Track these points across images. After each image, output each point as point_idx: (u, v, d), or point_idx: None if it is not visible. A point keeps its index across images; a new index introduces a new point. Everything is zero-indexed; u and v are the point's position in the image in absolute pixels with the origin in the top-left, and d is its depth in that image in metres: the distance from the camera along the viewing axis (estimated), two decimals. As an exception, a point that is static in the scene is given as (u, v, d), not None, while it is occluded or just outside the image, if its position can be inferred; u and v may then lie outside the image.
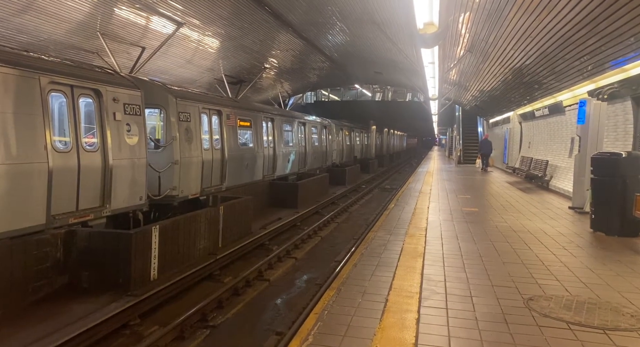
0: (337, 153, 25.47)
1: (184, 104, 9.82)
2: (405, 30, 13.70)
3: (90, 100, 7.66)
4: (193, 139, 10.01)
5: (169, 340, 5.88)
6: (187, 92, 10.32)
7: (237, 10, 13.39)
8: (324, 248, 11.34)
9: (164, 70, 16.54)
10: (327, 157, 23.02)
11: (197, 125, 10.20)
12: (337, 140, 25.48)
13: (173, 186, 9.28)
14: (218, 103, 11.61)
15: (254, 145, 13.80)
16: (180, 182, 9.41)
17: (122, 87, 8.12)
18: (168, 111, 9.47)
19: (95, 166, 7.50)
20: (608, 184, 8.02)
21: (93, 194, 7.49)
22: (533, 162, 17.57)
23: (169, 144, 9.36)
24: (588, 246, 7.27)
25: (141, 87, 8.54)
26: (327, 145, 23.06)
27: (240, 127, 12.82)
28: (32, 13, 10.65)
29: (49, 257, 6.81)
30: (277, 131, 15.84)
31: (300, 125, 18.94)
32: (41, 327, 5.74)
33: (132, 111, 8.25)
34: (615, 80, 9.73)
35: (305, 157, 19.34)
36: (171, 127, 9.45)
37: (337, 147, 25.27)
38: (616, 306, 4.64)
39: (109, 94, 7.75)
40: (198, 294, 7.53)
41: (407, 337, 3.85)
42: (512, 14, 8.50)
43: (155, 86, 9.78)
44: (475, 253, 6.65)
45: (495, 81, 16.23)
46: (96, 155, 7.58)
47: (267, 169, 14.88)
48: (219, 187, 11.21)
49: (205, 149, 10.56)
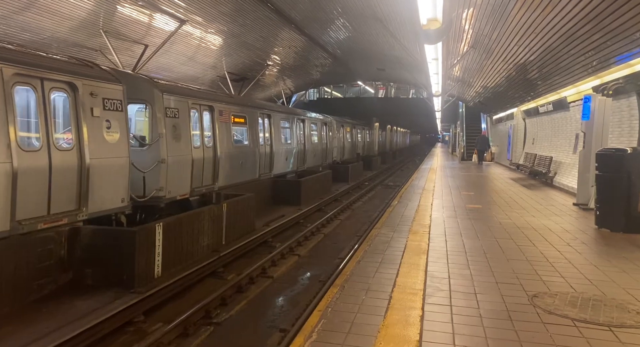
0: (338, 150, 25.07)
1: (172, 99, 9.27)
2: (408, 26, 13.64)
3: (64, 95, 7.04)
4: (182, 137, 9.43)
5: (173, 337, 5.90)
6: (175, 87, 9.78)
7: (239, 7, 13.36)
8: (327, 245, 11.33)
9: (166, 68, 16.53)
10: (327, 155, 22.51)
11: (186, 122, 9.63)
12: (338, 137, 25.12)
13: (160, 186, 8.70)
14: (210, 98, 11.00)
15: (249, 142, 13.23)
16: (167, 183, 8.84)
17: (101, 80, 7.51)
18: (154, 107, 8.88)
19: (69, 166, 6.90)
20: (613, 181, 7.97)
21: (67, 197, 6.86)
22: (537, 159, 17.50)
23: (155, 142, 8.79)
24: (593, 243, 7.24)
25: (123, 81, 7.95)
26: (327, 142, 22.60)
27: (234, 123, 12.26)
28: (35, 10, 10.65)
29: (53, 254, 6.83)
30: (275, 128, 15.34)
31: (299, 121, 18.47)
32: (45, 324, 5.76)
33: (113, 107, 7.65)
34: (620, 75, 9.67)
35: (305, 155, 18.90)
36: (157, 123, 8.86)
37: (337, 145, 24.88)
38: (622, 302, 4.61)
39: (85, 88, 7.13)
40: (202, 291, 7.55)
41: (411, 334, 3.84)
42: (516, 9, 8.45)
43: (140, 80, 9.16)
44: (479, 250, 6.63)
45: (498, 77, 16.15)
46: (71, 154, 6.96)
47: (264, 168, 14.29)
48: (210, 187, 10.64)
49: (195, 147, 9.99)
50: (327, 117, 23.21)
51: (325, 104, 39.37)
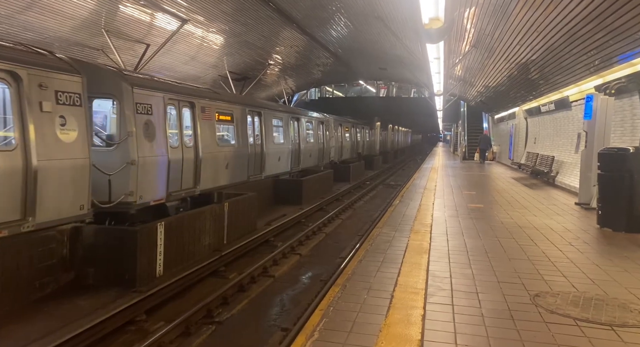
0: (336, 150, 23.95)
1: (144, 93, 8.34)
2: (410, 25, 13.63)
3: (3, 86, 6.15)
4: (156, 135, 8.51)
5: (174, 336, 5.90)
6: (148, 80, 8.90)
7: (241, 7, 13.37)
8: (328, 244, 11.33)
9: (168, 67, 16.56)
10: (324, 155, 21.49)
11: (161, 119, 8.71)
12: (336, 136, 24.35)
13: (129, 190, 7.73)
14: (190, 94, 10.00)
15: (237, 142, 12.09)
16: (138, 187, 7.88)
17: (54, 70, 6.52)
18: (122, 102, 7.90)
19: (11, 169, 5.91)
20: (615, 180, 7.96)
21: (9, 205, 5.88)
22: (539, 158, 17.47)
23: (124, 141, 7.83)
24: (595, 242, 7.22)
25: (83, 72, 7.01)
26: (324, 142, 21.55)
27: (219, 121, 11.24)
28: (37, 10, 10.68)
29: (55, 253, 6.84)
30: (266, 127, 14.25)
31: (293, 120, 17.42)
32: (47, 323, 5.77)
33: (69, 101, 6.68)
34: (622, 74, 9.64)
35: (299, 155, 17.80)
36: (126, 120, 7.87)
37: (335, 144, 23.76)
38: (624, 302, 4.60)
39: (32, 79, 6.18)
40: (203, 291, 7.55)
41: (413, 333, 3.84)
42: (518, 8, 8.43)
43: (105, 71, 8.24)
44: (481, 249, 6.62)
45: (500, 77, 16.13)
46: (13, 155, 5.96)
47: (254, 169, 13.13)
48: (191, 190, 9.55)
49: (172, 147, 9.01)
50: (325, 115, 22.65)
51: (327, 103, 39.41)
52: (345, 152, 26.27)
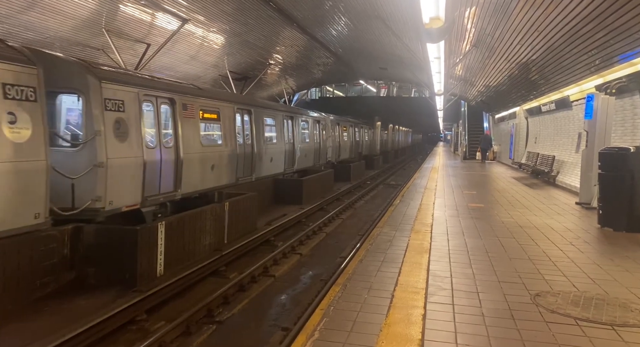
0: (333, 150, 23.44)
1: (115, 88, 7.65)
2: (410, 25, 13.63)
3: None
4: (129, 135, 7.82)
5: (175, 335, 5.91)
6: (120, 74, 8.17)
7: (241, 6, 13.37)
8: (329, 244, 11.34)
9: (169, 67, 16.56)
10: (320, 155, 20.84)
11: (135, 117, 8.03)
12: (333, 136, 23.58)
13: (96, 196, 7.08)
14: (170, 89, 9.28)
15: (224, 142, 11.40)
16: (107, 191, 7.23)
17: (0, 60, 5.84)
18: (88, 97, 7.20)
19: None
20: (616, 179, 7.95)
21: None
22: (539, 158, 17.47)
23: (90, 141, 7.15)
24: (595, 242, 7.22)
25: (40, 63, 6.36)
26: (320, 141, 20.88)
27: (204, 120, 10.56)
28: (38, 10, 10.68)
29: (56, 253, 6.84)
30: (257, 126, 13.59)
31: (287, 119, 16.76)
32: (48, 322, 5.78)
33: (20, 95, 6.00)
34: (623, 74, 9.64)
35: (294, 155, 17.21)
36: (92, 118, 7.17)
37: (332, 144, 23.25)
38: (624, 301, 4.60)
39: None
40: (204, 290, 7.56)
41: (414, 333, 3.84)
42: (519, 8, 8.43)
43: (69, 63, 7.49)
44: (481, 249, 6.62)
45: (501, 76, 16.12)
46: None
47: (243, 170, 12.45)
48: (170, 194, 8.91)
49: (149, 148, 8.33)
50: (321, 114, 22.17)
51: (327, 103, 39.41)
52: (343, 152, 25.74)
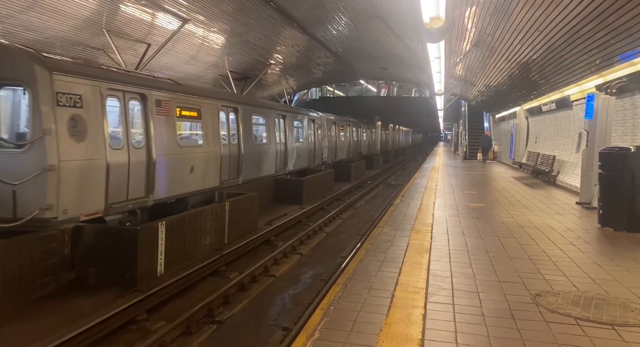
0: (329, 151, 22.50)
1: (70, 81, 6.75)
2: (411, 25, 13.63)
3: None
4: (88, 134, 6.97)
5: (175, 335, 5.91)
6: (77, 65, 7.28)
7: (242, 6, 13.37)
8: (329, 244, 11.34)
9: (169, 67, 16.57)
10: (315, 156, 19.93)
11: (97, 114, 7.16)
12: (329, 136, 22.64)
13: (46, 204, 6.24)
14: (141, 84, 8.34)
15: (205, 142, 10.46)
16: (61, 198, 6.39)
17: None
18: (36, 90, 6.36)
19: None
20: (616, 179, 7.95)
21: None
22: (540, 158, 17.46)
23: (38, 141, 6.31)
24: (596, 242, 7.22)
25: None
26: (315, 141, 19.95)
27: (181, 118, 9.66)
28: (39, 10, 10.69)
29: (56, 253, 6.85)
30: (244, 124, 12.60)
31: (279, 117, 15.79)
32: (49, 322, 5.78)
33: None
34: (623, 74, 9.64)
35: (286, 156, 16.26)
36: (41, 115, 6.34)
37: (328, 144, 22.29)
38: (625, 301, 4.60)
39: None
40: (204, 290, 7.56)
41: (414, 332, 3.84)
42: (519, 8, 8.43)
43: (13, 51, 6.67)
44: (481, 249, 6.62)
45: (501, 76, 16.12)
46: None
47: (228, 173, 11.49)
48: (141, 200, 8.04)
49: (114, 149, 7.47)
50: (317, 113, 21.33)
51: (328, 103, 39.41)
52: (340, 153, 24.85)
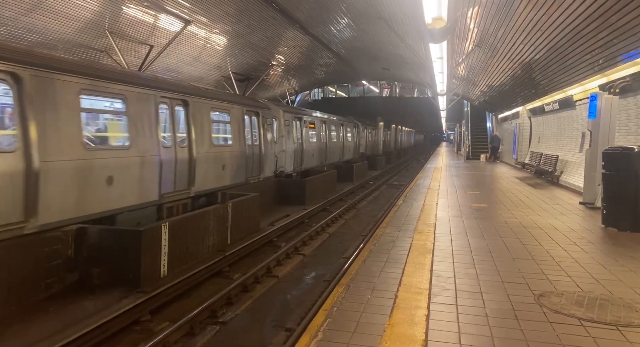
0: (319, 153, 20.51)
1: None
2: (413, 25, 13.62)
3: None
4: None
5: (179, 336, 5.92)
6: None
7: (244, 8, 13.40)
8: (332, 245, 11.34)
9: (172, 68, 16.61)
10: (303, 159, 17.92)
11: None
12: (320, 137, 20.82)
13: None
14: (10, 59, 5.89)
15: (132, 143, 8.22)
16: None
17: None
18: None
19: None
20: (620, 179, 7.92)
21: None
22: (543, 158, 17.42)
23: None
24: (600, 242, 7.20)
25: None
26: (302, 143, 17.86)
27: (91, 111, 7.63)
28: (42, 12, 10.74)
29: (60, 254, 6.87)
30: (195, 122, 10.30)
31: (250, 115, 13.29)
32: (53, 323, 5.79)
33: None
34: (627, 73, 9.61)
35: (261, 161, 13.90)
36: None
37: (317, 146, 20.33)
38: (629, 302, 4.59)
39: None
40: (207, 291, 7.57)
41: (417, 333, 3.84)
42: (522, 8, 8.42)
43: None
44: (484, 249, 6.61)
45: (504, 76, 16.09)
46: None
47: (174, 183, 9.56)
48: (15, 227, 6.02)
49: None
50: (302, 110, 19.60)
51: (330, 103, 39.47)
52: (330, 156, 22.32)
